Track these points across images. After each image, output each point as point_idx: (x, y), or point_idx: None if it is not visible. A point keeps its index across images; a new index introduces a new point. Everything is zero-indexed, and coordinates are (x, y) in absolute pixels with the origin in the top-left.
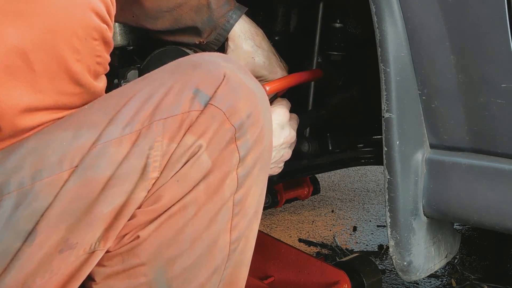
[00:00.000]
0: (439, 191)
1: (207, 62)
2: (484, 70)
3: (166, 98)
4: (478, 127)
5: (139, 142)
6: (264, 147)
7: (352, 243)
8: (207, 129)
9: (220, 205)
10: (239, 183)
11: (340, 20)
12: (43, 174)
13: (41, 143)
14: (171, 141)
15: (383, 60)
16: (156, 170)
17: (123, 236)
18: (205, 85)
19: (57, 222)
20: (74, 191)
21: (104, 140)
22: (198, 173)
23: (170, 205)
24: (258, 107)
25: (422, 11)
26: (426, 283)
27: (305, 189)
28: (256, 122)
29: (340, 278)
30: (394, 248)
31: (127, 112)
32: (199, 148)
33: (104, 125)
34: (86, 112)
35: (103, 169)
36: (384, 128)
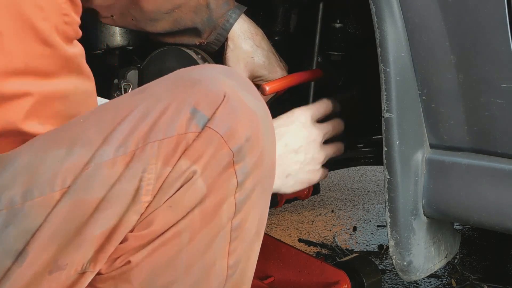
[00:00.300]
0: (439, 191)
1: (207, 78)
2: (484, 70)
3: (163, 117)
4: (478, 127)
5: (133, 164)
6: (264, 170)
7: (352, 243)
8: (203, 154)
9: (217, 231)
10: (237, 208)
11: (340, 20)
12: (34, 194)
13: (34, 160)
14: (165, 164)
15: (383, 60)
16: (149, 193)
17: (115, 259)
18: (203, 104)
19: (47, 242)
20: (65, 212)
21: (97, 160)
22: (193, 199)
23: (162, 231)
24: (258, 129)
25: (422, 11)
26: (426, 283)
27: (305, 189)
28: (256, 145)
29: (340, 278)
30: (394, 248)
31: (122, 131)
32: (194, 173)
33: (98, 143)
34: (81, 126)
35: (95, 191)
36: (384, 128)
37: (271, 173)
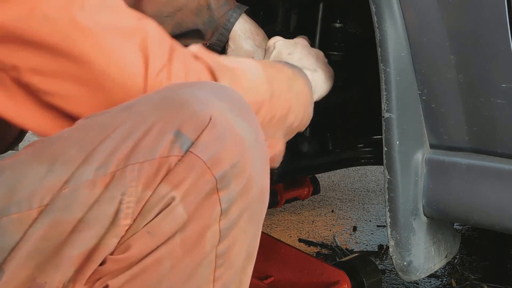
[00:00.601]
0: (439, 191)
1: (195, 100)
2: (484, 70)
3: (145, 139)
4: (478, 127)
5: (112, 186)
6: (253, 196)
7: (352, 243)
8: (184, 180)
9: (200, 259)
10: (222, 235)
11: (340, 20)
12: (12, 209)
13: (15, 175)
14: (146, 188)
15: (383, 60)
16: (128, 217)
17: (95, 281)
18: (188, 127)
19: (25, 260)
20: (43, 231)
21: (76, 180)
22: (172, 226)
23: (141, 257)
24: (245, 155)
25: (422, 11)
26: (426, 283)
27: (305, 189)
28: (242, 172)
29: (340, 278)
30: (394, 248)
31: (103, 151)
32: (173, 199)
33: (79, 162)
34: (64, 142)
35: (73, 211)
36: (384, 128)
37: (260, 198)
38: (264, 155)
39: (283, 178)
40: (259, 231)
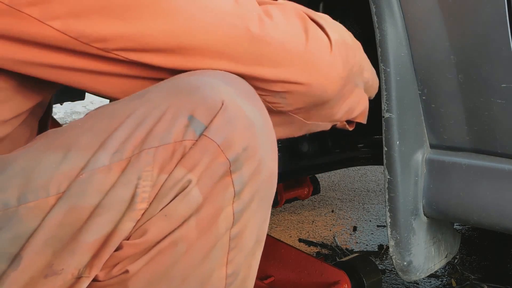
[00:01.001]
0: (439, 191)
1: (206, 85)
2: (484, 70)
3: (159, 124)
4: (478, 127)
5: (128, 170)
6: (263, 179)
7: (352, 243)
8: (199, 162)
9: (214, 241)
10: (235, 218)
11: (340, 20)
12: (28, 198)
13: (30, 163)
14: (161, 171)
15: (383, 60)
16: (144, 201)
17: (112, 267)
18: (200, 112)
19: (42, 247)
20: (60, 218)
21: (92, 166)
22: (188, 209)
23: (157, 240)
24: (255, 139)
25: (422, 11)
26: (426, 283)
27: (305, 189)
28: (253, 155)
29: (340, 278)
30: (394, 248)
31: (118, 137)
32: (189, 182)
33: (94, 149)
34: (78, 130)
35: (90, 197)
36: (384, 128)
37: (270, 182)
38: (272, 139)
39: (283, 178)
40: (268, 215)
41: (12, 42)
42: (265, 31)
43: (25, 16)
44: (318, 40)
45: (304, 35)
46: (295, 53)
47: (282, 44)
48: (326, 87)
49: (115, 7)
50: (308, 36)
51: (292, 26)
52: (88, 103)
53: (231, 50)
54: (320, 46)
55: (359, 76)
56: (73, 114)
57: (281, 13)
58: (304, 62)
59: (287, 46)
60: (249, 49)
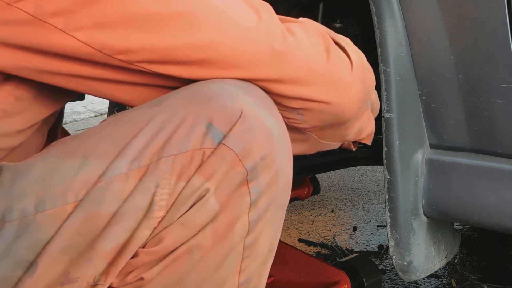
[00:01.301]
0: (439, 191)
1: (225, 94)
2: (484, 70)
3: (178, 131)
4: (478, 127)
5: (146, 178)
6: (279, 189)
7: (352, 243)
8: (217, 171)
9: (229, 250)
10: (250, 227)
11: (340, 20)
12: (46, 206)
13: (48, 170)
14: (179, 179)
15: (383, 60)
16: (162, 209)
17: (127, 274)
18: (219, 120)
19: (59, 255)
20: (77, 226)
21: (110, 174)
22: (205, 217)
23: (173, 248)
24: (273, 148)
25: (422, 11)
26: (426, 283)
27: (305, 189)
28: (271, 164)
29: (340, 278)
30: (394, 248)
31: (137, 145)
32: (207, 191)
33: (113, 156)
34: (96, 137)
35: (107, 205)
36: (384, 128)
37: (285, 191)
38: (288, 148)
39: None
40: (281, 224)
41: (36, 53)
42: (288, 48)
43: (49, 26)
44: (339, 60)
45: (326, 54)
46: (316, 72)
47: (303, 61)
48: (344, 107)
49: (139, 19)
50: (329, 55)
51: (314, 45)
52: (88, 103)
53: (254, 65)
54: (341, 66)
55: (370, 98)
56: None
57: (304, 31)
58: (325, 81)
59: (308, 64)
60: (271, 65)
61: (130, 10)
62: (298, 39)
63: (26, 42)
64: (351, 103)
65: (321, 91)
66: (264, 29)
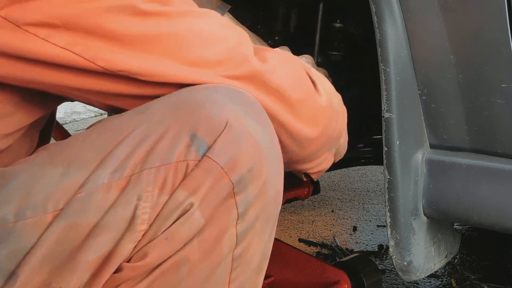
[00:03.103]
0: (439, 191)
1: (210, 103)
2: (484, 70)
3: (161, 142)
4: (478, 127)
5: (128, 190)
6: (268, 200)
7: (352, 243)
8: (201, 185)
9: (217, 262)
10: (238, 239)
11: (340, 20)
12: (27, 214)
13: (31, 178)
14: (161, 192)
15: (383, 60)
16: (144, 222)
17: None
18: (204, 131)
19: (40, 265)
20: (57, 235)
21: (91, 184)
22: (190, 231)
23: (158, 262)
24: (261, 159)
25: (422, 11)
26: (426, 283)
27: (305, 189)
28: (259, 175)
29: (340, 278)
30: (394, 248)
31: (119, 154)
32: (191, 206)
33: (94, 166)
34: (79, 145)
35: (88, 216)
36: (384, 128)
37: (275, 201)
38: (278, 157)
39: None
40: (273, 232)
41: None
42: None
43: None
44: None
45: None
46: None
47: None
48: (297, 151)
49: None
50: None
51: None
52: None
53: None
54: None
55: (336, 141)
56: (73, 114)
57: (277, 60)
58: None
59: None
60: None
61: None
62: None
63: (7, 48)
64: (310, 144)
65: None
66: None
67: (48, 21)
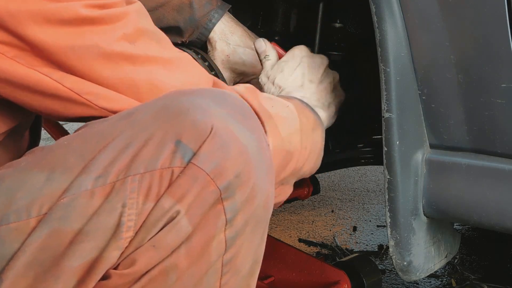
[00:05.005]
0: (439, 191)
1: (195, 108)
2: (484, 70)
3: (145, 149)
4: (478, 127)
5: (112, 197)
6: (257, 205)
7: (352, 243)
8: (187, 193)
9: (206, 269)
10: (227, 245)
11: (340, 20)
12: (10, 219)
13: (15, 183)
14: (146, 199)
15: (383, 60)
16: (130, 229)
17: None
18: (189, 137)
19: (24, 270)
20: (41, 241)
21: (75, 190)
22: (176, 239)
23: (146, 270)
24: (249, 164)
25: (422, 11)
26: (426, 283)
27: (305, 189)
28: (247, 181)
29: (340, 278)
30: (394, 248)
31: (103, 160)
32: (177, 213)
33: (78, 171)
34: (64, 150)
35: (72, 222)
36: (384, 128)
37: (265, 206)
38: (267, 161)
39: None
40: (264, 236)
41: None
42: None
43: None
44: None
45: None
46: None
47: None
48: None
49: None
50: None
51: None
52: None
53: None
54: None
55: (295, 175)
56: None
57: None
58: None
59: None
60: None
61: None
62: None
63: None
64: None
65: None
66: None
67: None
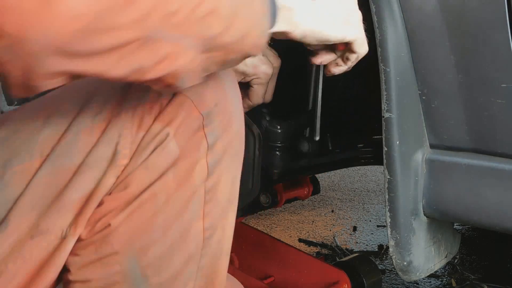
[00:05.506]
0: (439, 191)
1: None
2: (484, 70)
3: (135, 86)
4: (478, 127)
5: (108, 130)
6: (234, 135)
7: (352, 243)
8: (175, 117)
9: (191, 193)
10: (209, 171)
11: None
12: (14, 162)
13: (11, 134)
14: (139, 128)
15: (383, 60)
16: (126, 157)
17: (95, 223)
18: None
19: (28, 209)
20: (45, 179)
21: (75, 129)
22: (166, 161)
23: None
24: (226, 95)
25: (422, 11)
26: (426, 283)
27: (305, 189)
28: (224, 110)
29: (340, 278)
30: (394, 248)
31: (97, 101)
32: (167, 135)
33: (74, 114)
34: (55, 101)
35: (73, 157)
36: (384, 128)
37: (240, 137)
38: (238, 95)
39: (283, 178)
40: (239, 173)
41: None
42: None
43: None
44: None
45: None
46: None
47: None
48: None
49: None
50: None
51: None
52: None
53: None
54: None
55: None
56: None
57: None
58: None
59: None
60: None
61: None
62: None
63: None
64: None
65: None
66: None
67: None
